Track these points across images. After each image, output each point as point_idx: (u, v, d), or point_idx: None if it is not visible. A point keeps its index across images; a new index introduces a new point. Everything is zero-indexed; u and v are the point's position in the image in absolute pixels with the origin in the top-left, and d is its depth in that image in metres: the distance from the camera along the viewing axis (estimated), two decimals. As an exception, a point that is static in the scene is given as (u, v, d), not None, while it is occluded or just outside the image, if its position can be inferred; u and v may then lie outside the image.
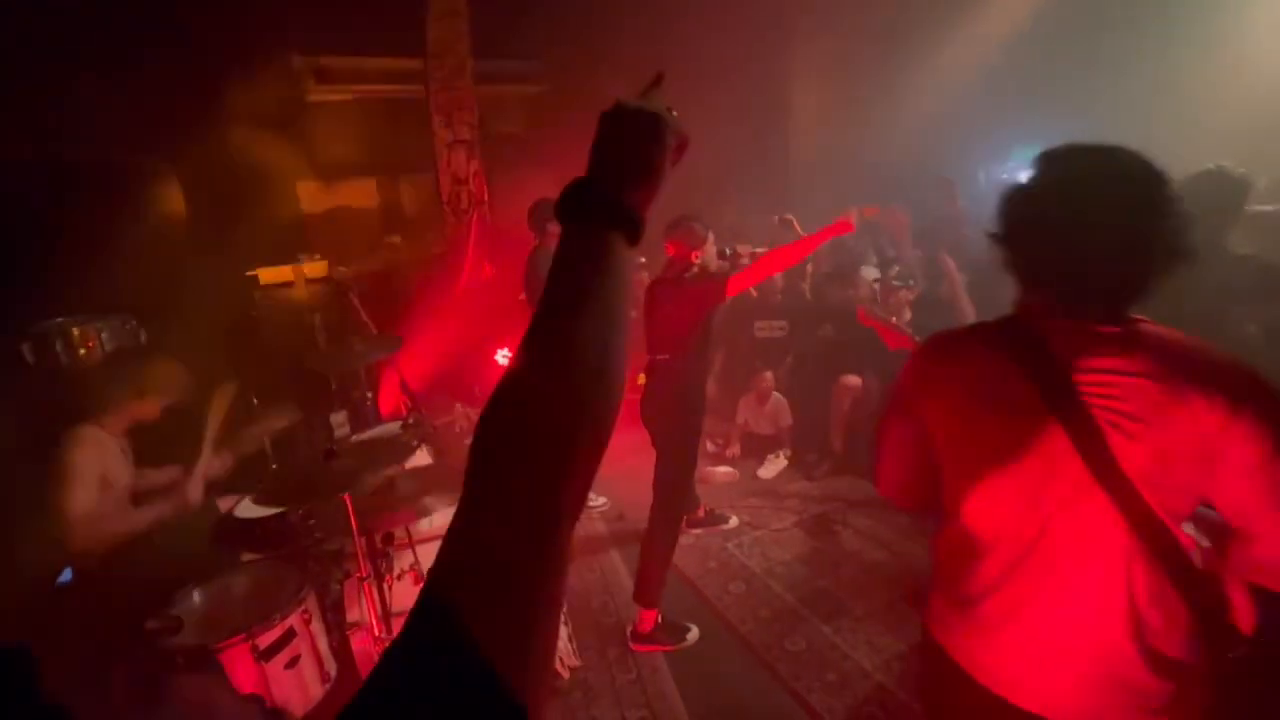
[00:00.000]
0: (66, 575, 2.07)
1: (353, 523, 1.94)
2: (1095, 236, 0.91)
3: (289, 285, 4.61)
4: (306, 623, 1.94)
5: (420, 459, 2.70)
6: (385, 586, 2.10)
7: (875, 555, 3.14)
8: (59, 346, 3.09)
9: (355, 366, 3.67)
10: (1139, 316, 0.95)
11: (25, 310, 3.17)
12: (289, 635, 1.86)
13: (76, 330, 3.14)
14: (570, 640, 2.53)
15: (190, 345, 2.95)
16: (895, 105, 5.93)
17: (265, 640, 1.79)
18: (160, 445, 2.35)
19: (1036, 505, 0.96)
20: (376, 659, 0.43)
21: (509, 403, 0.45)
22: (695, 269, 2.60)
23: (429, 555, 2.28)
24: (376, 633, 2.01)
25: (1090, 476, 0.91)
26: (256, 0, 4.58)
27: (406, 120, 5.64)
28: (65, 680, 0.46)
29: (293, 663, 1.86)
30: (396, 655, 0.35)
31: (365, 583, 1.99)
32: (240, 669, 1.73)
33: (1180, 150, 0.92)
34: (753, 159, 6.60)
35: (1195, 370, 0.87)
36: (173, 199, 4.80)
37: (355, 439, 3.04)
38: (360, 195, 6.22)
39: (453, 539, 0.40)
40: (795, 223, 3.42)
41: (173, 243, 4.69)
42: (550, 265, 0.50)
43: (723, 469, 4.16)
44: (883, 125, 5.91)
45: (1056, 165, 0.96)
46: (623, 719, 2.26)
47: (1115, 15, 4.96)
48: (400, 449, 2.21)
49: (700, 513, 3.50)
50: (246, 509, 1.96)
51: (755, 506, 3.72)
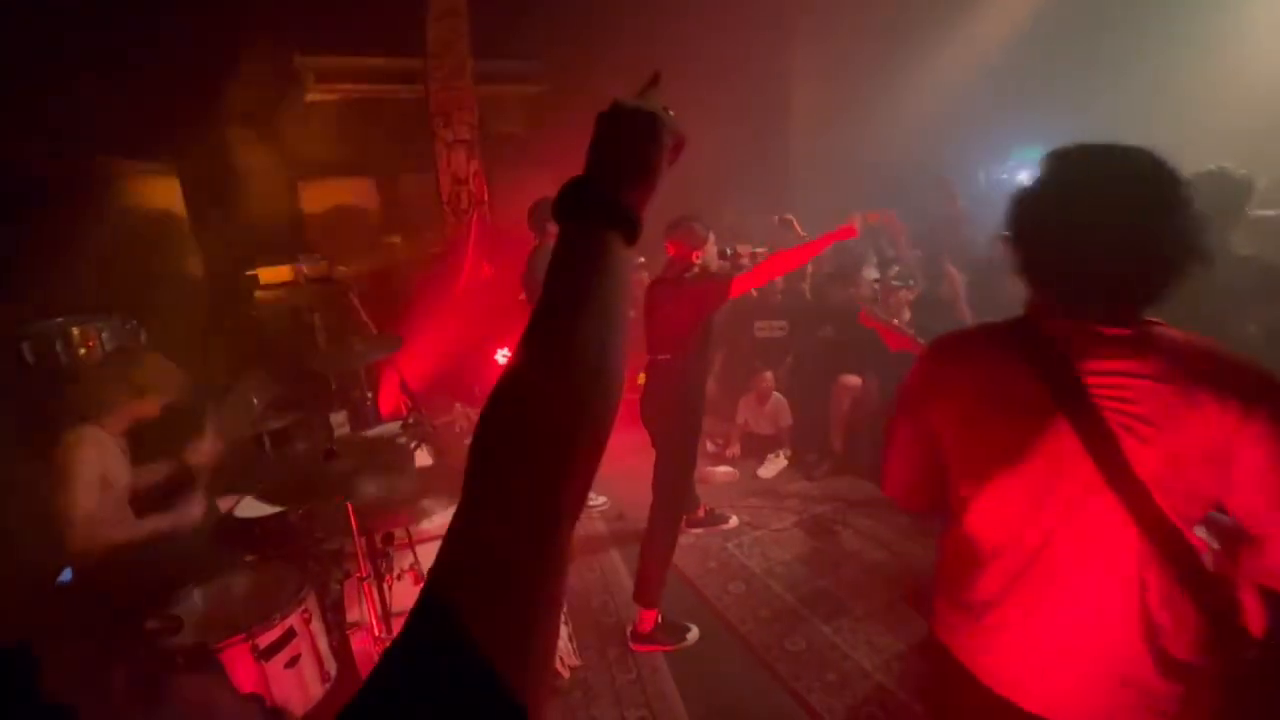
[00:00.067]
0: (66, 575, 2.07)
1: (353, 523, 1.93)
2: (1107, 238, 0.89)
3: (289, 285, 4.62)
4: (306, 622, 1.94)
5: (420, 459, 2.69)
6: (385, 586, 2.09)
7: (875, 555, 3.14)
8: (59, 346, 3.09)
9: (355, 366, 3.67)
10: (1151, 319, 0.93)
11: (25, 310, 3.18)
12: (289, 635, 1.86)
13: (76, 330, 3.15)
14: (570, 640, 2.53)
15: (191, 345, 2.95)
16: (895, 105, 5.92)
17: (265, 640, 1.79)
18: (157, 443, 2.35)
19: (1044, 507, 0.95)
20: (376, 659, 0.43)
21: (508, 402, 0.45)
22: (696, 269, 2.60)
23: (429, 555, 2.28)
24: (376, 633, 2.00)
25: (1101, 479, 0.90)
26: (256, 0, 4.58)
27: (406, 120, 5.64)
28: (65, 680, 0.46)
29: (293, 662, 1.87)
30: (396, 655, 0.35)
31: (365, 583, 1.99)
32: (240, 668, 1.74)
33: (1180, 151, 0.92)
34: (753, 159, 6.59)
35: (1208, 372, 0.86)
36: (173, 199, 4.81)
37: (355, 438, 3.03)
38: (360, 195, 6.20)
39: (453, 538, 0.40)
40: (795, 223, 3.42)
41: (173, 243, 4.70)
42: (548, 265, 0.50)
43: (723, 469, 4.16)
44: (883, 125, 5.89)
45: (1067, 166, 0.94)
46: (622, 719, 2.26)
47: (1115, 15, 4.95)
48: (401, 452, 2.20)
49: (700, 512, 3.50)
50: (246, 509, 1.95)
51: (755, 506, 3.72)
